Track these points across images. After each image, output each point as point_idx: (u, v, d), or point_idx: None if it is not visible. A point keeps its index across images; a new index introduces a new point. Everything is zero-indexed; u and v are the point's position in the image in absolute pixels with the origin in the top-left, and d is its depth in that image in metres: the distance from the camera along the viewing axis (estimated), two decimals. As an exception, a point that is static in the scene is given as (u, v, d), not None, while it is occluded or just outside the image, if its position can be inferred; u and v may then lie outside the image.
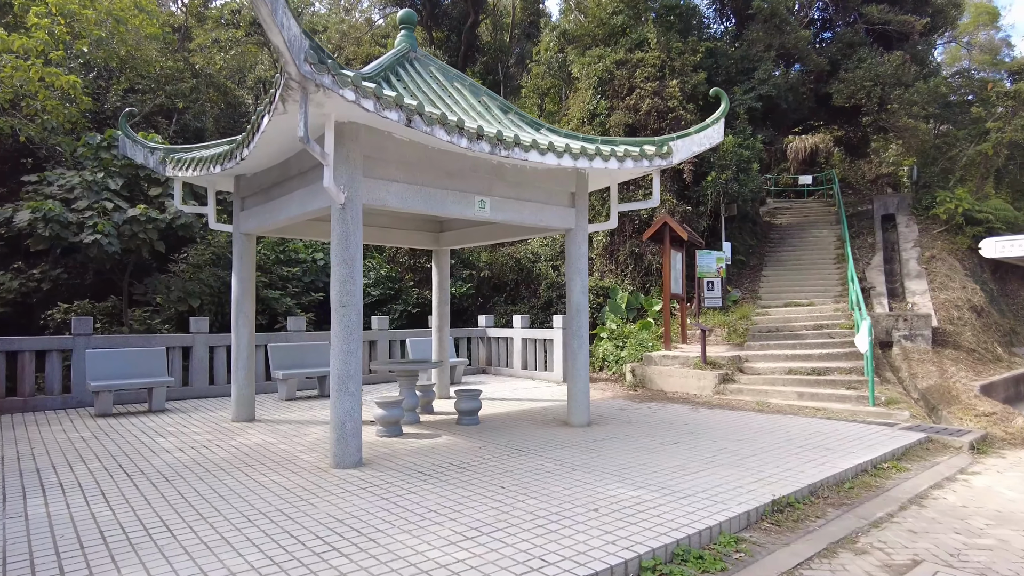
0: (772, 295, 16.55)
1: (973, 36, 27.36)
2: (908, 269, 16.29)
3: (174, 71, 17.14)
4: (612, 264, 17.06)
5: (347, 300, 6.25)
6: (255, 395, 10.53)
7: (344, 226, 6.28)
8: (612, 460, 6.51)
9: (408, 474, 5.98)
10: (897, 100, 17.12)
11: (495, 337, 15.41)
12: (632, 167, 8.03)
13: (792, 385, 11.03)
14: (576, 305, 8.41)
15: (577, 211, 8.46)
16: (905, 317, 12.82)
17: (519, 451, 6.92)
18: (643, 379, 12.53)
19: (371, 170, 6.57)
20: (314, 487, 5.54)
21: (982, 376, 11.69)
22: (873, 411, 9.41)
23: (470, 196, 7.33)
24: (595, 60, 17.49)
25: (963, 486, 6.34)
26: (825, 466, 6.32)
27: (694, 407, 10.16)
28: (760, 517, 5.05)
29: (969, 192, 18.06)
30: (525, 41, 29.93)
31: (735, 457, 6.69)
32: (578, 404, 8.40)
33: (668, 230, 13.33)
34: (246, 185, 8.82)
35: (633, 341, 14.04)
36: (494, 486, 5.55)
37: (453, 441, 7.49)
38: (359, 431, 6.30)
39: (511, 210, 7.72)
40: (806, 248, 19.24)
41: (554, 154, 7.27)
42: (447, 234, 10.86)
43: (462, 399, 8.48)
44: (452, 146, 6.57)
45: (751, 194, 17.25)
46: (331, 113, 5.95)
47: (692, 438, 7.67)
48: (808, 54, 18.40)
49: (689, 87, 16.73)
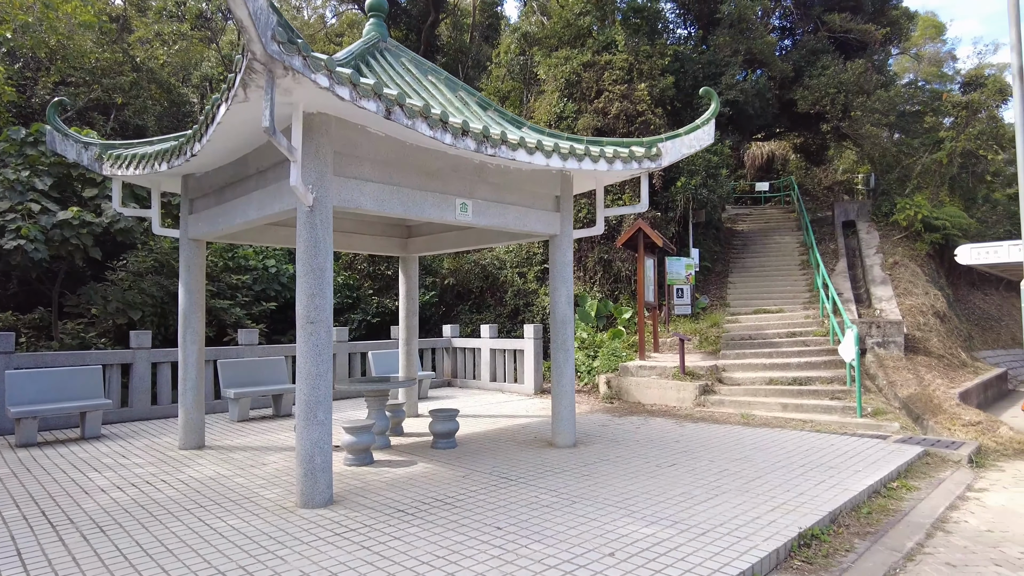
0: (740, 302, 16.37)
1: (921, 49, 28.15)
2: (873, 275, 16.33)
3: (112, 64, 15.89)
4: (581, 271, 16.60)
5: (316, 316, 5.51)
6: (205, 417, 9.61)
7: (312, 231, 5.54)
8: (612, 488, 5.93)
9: (388, 514, 5.26)
10: (860, 107, 17.23)
11: (461, 348, 14.72)
12: (621, 169, 7.51)
13: (774, 396, 10.71)
14: (561, 316, 7.83)
15: (562, 216, 7.89)
16: (878, 324, 12.71)
17: (508, 480, 6.28)
18: (619, 391, 12.05)
19: (343, 168, 5.85)
20: (281, 534, 4.78)
21: (956, 383, 11.64)
22: (862, 423, 9.13)
23: (451, 198, 6.67)
24: (562, 61, 17.04)
25: (978, 506, 6.01)
26: (837, 488, 5.89)
27: (678, 421, 9.71)
28: (788, 554, 4.54)
29: (926, 199, 18.33)
30: (483, 44, 29.37)
31: (740, 480, 6.21)
32: (564, 423, 7.81)
33: (642, 236, 12.93)
34: (196, 186, 7.94)
35: (606, 351, 13.56)
36: (489, 526, 4.90)
37: (432, 469, 6.79)
38: (330, 465, 5.56)
39: (494, 214, 7.09)
40: (770, 254, 19.21)
41: (542, 154, 6.69)
42: (416, 240, 10.14)
43: (438, 420, 7.78)
44: (432, 143, 5.92)
45: (719, 200, 17.08)
46: (300, 102, 5.23)
47: (688, 458, 7.18)
48: (773, 60, 18.39)
49: (657, 91, 16.45)
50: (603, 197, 8.36)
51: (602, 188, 8.31)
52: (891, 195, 18.92)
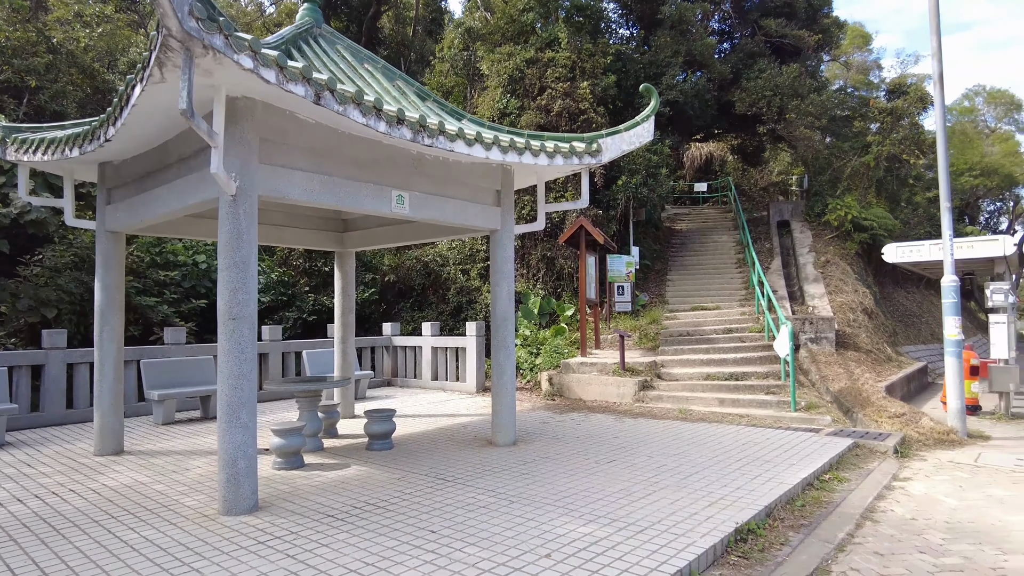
0: (679, 299, 16.63)
1: (850, 57, 29.32)
2: (806, 273, 16.85)
3: (24, 43, 14.86)
4: (524, 268, 16.52)
5: (239, 312, 5.20)
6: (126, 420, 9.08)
7: (235, 222, 5.23)
8: (551, 487, 5.83)
9: (316, 520, 5.01)
10: (794, 110, 17.74)
11: (402, 346, 14.42)
12: (562, 164, 7.42)
13: (711, 391, 10.87)
14: (502, 313, 7.69)
15: (503, 210, 7.75)
16: (811, 320, 13.09)
17: (445, 481, 6.10)
18: (561, 387, 12.01)
19: (270, 156, 5.55)
20: (199, 545, 4.47)
21: (883, 377, 12.09)
22: (796, 416, 9.34)
23: (386, 190, 6.44)
24: (505, 57, 16.91)
25: (903, 495, 6.19)
26: (773, 482, 5.96)
27: (618, 417, 9.73)
28: (725, 550, 4.53)
29: (855, 200, 19.05)
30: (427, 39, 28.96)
31: (678, 476, 6.21)
32: (504, 421, 7.68)
33: (584, 234, 12.94)
34: (114, 174, 7.44)
35: (548, 348, 13.53)
36: (423, 530, 4.71)
37: (366, 472, 6.55)
38: (254, 470, 5.26)
39: (432, 207, 6.89)
40: (707, 253, 19.60)
41: (482, 146, 6.53)
42: (352, 234, 9.83)
43: (373, 421, 7.53)
44: (367, 131, 5.68)
45: (659, 199, 17.30)
46: (222, 85, 4.91)
47: (626, 454, 7.15)
48: (712, 62, 18.75)
49: (600, 90, 16.52)
50: (544, 193, 8.27)
51: (543, 184, 8.22)
52: (823, 196, 19.58)
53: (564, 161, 7.42)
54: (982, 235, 22.18)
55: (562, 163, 7.38)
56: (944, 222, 8.89)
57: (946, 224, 8.86)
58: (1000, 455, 7.79)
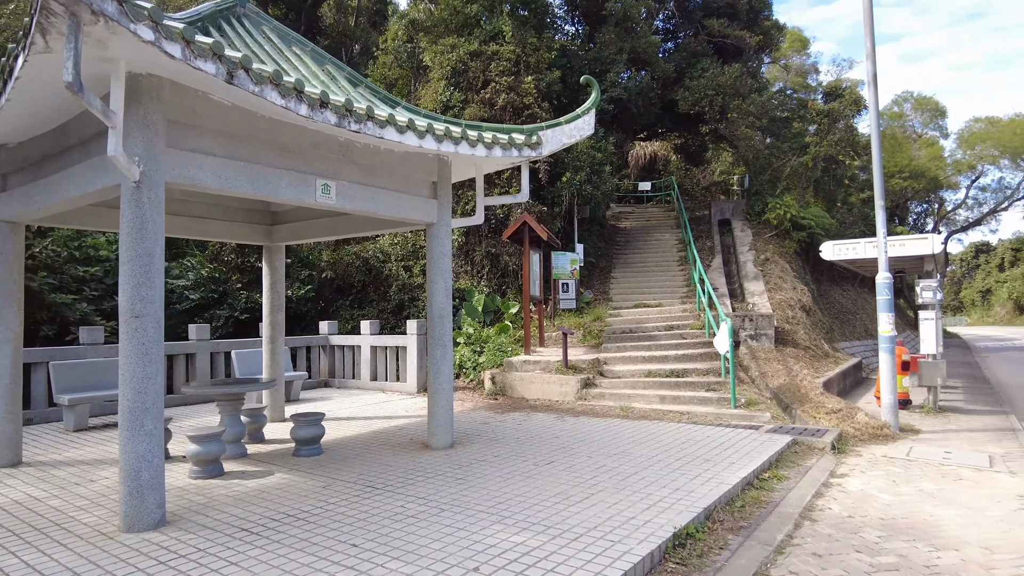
0: (622, 296, 16.63)
1: (789, 60, 30.08)
2: (746, 271, 17.08)
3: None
4: (468, 265, 16.21)
5: (142, 309, 4.73)
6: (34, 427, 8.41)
7: (139, 210, 4.76)
8: (485, 492, 5.56)
9: (229, 534, 4.60)
10: (736, 110, 17.97)
11: (340, 345, 13.91)
12: (500, 156, 7.16)
13: (653, 388, 10.81)
14: (439, 310, 7.37)
15: (440, 203, 7.42)
16: (751, 317, 13.23)
17: (373, 489, 5.75)
18: (504, 386, 11.76)
19: (179, 140, 5.09)
20: (88, 568, 4.01)
21: (820, 373, 12.29)
22: (736, 413, 9.34)
23: (311, 179, 6.03)
24: (448, 49, 16.55)
25: (840, 491, 6.17)
26: (712, 482, 5.84)
27: (560, 416, 9.54)
28: (663, 557, 4.35)
29: (794, 200, 19.46)
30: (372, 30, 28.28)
31: (617, 477, 6.03)
32: (441, 423, 7.36)
33: (528, 230, 12.72)
34: (8, 158, 6.78)
35: (492, 346, 13.27)
36: (344, 543, 4.37)
37: (289, 480, 6.14)
38: (160, 482, 4.80)
39: (362, 198, 6.51)
40: (651, 251, 19.70)
41: (415, 134, 6.20)
42: (282, 227, 9.32)
43: (300, 425, 7.10)
44: (288, 114, 5.28)
45: (603, 196, 17.25)
46: (120, 58, 4.44)
47: (566, 455, 6.95)
48: (656, 60, 18.83)
49: (544, 85, 16.33)
50: (483, 186, 7.99)
51: (482, 176, 7.94)
52: (763, 195, 19.93)
53: (503, 153, 7.15)
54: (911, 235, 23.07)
55: (501, 155, 7.11)
56: (878, 220, 9.03)
57: (880, 222, 9.00)
58: (929, 449, 7.93)
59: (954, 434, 8.91)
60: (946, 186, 36.87)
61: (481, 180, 7.89)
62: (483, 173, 8.01)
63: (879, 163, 9.17)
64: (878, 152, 9.16)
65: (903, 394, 10.49)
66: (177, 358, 11.39)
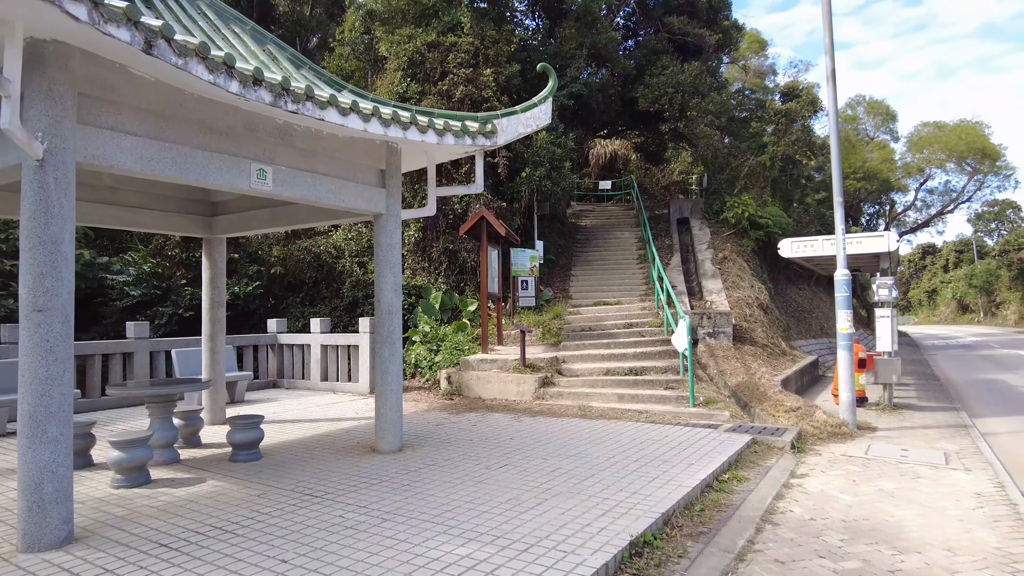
0: (582, 294, 16.44)
1: (748, 61, 30.43)
2: (704, 269, 17.06)
3: None
4: (425, 261, 15.79)
5: (46, 302, 4.25)
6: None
7: (43, 193, 4.27)
8: (432, 499, 5.21)
9: (144, 551, 4.16)
10: (695, 108, 17.95)
11: (289, 344, 13.36)
12: (453, 143, 6.81)
13: (611, 387, 10.61)
14: (387, 306, 6.99)
15: (388, 193, 7.03)
16: (709, 315, 13.15)
17: (312, 497, 5.35)
18: (460, 386, 11.41)
19: (93, 115, 4.60)
20: (-28, 595, 3.54)
21: (778, 371, 12.27)
22: (694, 412, 9.18)
23: (245, 163, 5.59)
24: (405, 39, 16.10)
25: (801, 492, 6.01)
26: (671, 484, 5.61)
27: (516, 416, 9.24)
28: (619, 567, 4.07)
29: (752, 199, 19.57)
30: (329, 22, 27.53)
31: (573, 480, 5.75)
32: (389, 425, 6.98)
33: (486, 225, 12.39)
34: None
35: (448, 344, 12.90)
36: (272, 559, 3.98)
37: (221, 488, 5.69)
38: (66, 494, 4.32)
39: (302, 185, 6.09)
40: (611, 249, 19.59)
41: (359, 116, 5.81)
42: (222, 218, 8.79)
43: (237, 429, 6.63)
44: (218, 92, 4.85)
45: (563, 193, 17.04)
46: (15, 21, 3.95)
47: (521, 457, 6.65)
48: (617, 57, 18.70)
49: (503, 78, 16.02)
50: (436, 176, 7.62)
51: (434, 165, 7.57)
52: (721, 195, 20.00)
53: (455, 140, 6.80)
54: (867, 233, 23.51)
55: (453, 142, 6.77)
56: (837, 216, 8.97)
57: (839, 218, 8.94)
58: (887, 447, 7.88)
59: (909, 431, 8.91)
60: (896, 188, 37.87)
61: (433, 169, 7.53)
62: (436, 162, 7.65)
63: (838, 158, 9.11)
64: (837, 147, 9.11)
65: (859, 391, 10.50)
66: (113, 358, 10.72)
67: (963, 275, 64.81)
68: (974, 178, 37.14)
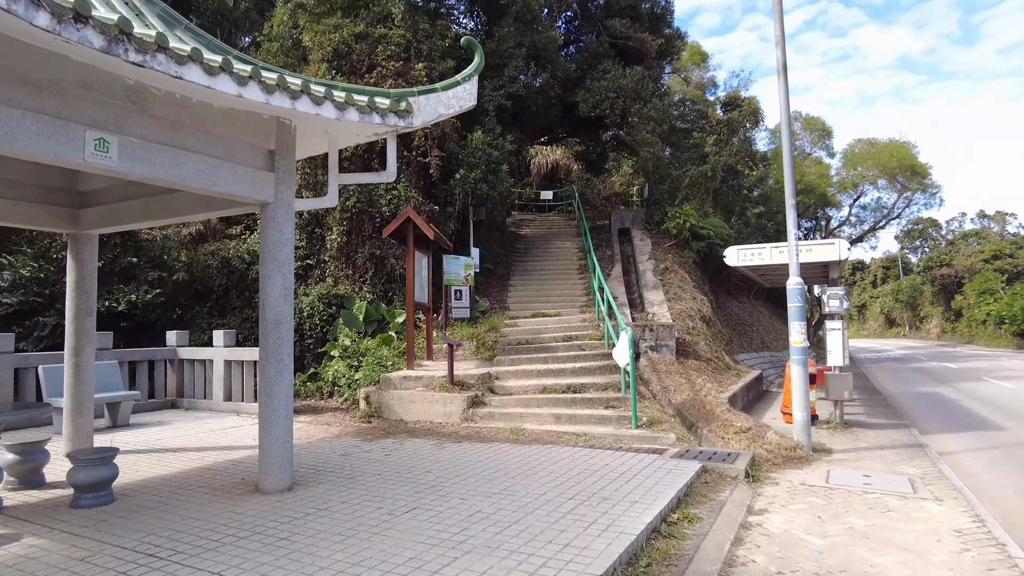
0: (520, 305, 15.51)
1: (689, 73, 30.37)
2: (645, 280, 16.40)
3: None
4: (349, 268, 14.51)
5: None
6: None
7: None
8: (311, 561, 4.08)
9: None
10: (637, 114, 17.38)
11: (190, 360, 11.87)
12: (357, 120, 5.73)
13: (548, 406, 9.64)
14: (275, 314, 5.80)
15: (279, 178, 5.87)
16: (651, 327, 12.39)
17: (153, 560, 4.13)
18: (380, 407, 10.22)
19: None
20: None
21: (724, 387, 11.57)
22: (637, 434, 8.29)
23: (77, 129, 4.37)
24: (330, 30, 14.92)
25: (762, 535, 5.13)
26: (611, 531, 4.63)
27: (439, 442, 8.14)
28: (543, 660, 3.05)
29: (693, 209, 19.10)
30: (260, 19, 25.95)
31: (493, 530, 4.71)
32: (275, 460, 5.77)
33: (412, 227, 11.29)
34: None
35: (370, 360, 11.68)
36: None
37: (38, 548, 4.39)
38: None
39: (161, 163, 4.88)
40: (551, 259, 18.78)
41: (231, 79, 4.67)
42: (91, 210, 7.40)
43: (80, 467, 5.32)
44: (20, 26, 3.65)
45: (501, 198, 16.11)
46: None
47: (435, 497, 5.57)
48: (557, 59, 17.98)
49: (437, 74, 14.98)
50: (339, 161, 6.51)
51: (336, 149, 6.45)
52: (663, 205, 19.49)
53: (360, 117, 5.72)
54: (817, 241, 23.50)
55: (357, 119, 5.68)
56: (789, 219, 8.29)
57: (791, 222, 8.26)
58: (847, 473, 7.15)
59: (866, 452, 8.26)
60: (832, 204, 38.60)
61: (335, 152, 6.41)
62: (339, 146, 6.54)
63: (789, 156, 8.48)
64: (788, 144, 8.47)
65: (810, 409, 9.85)
66: (-36, 375, 9.10)
67: (890, 290, 67.34)
68: (903, 195, 38.24)
